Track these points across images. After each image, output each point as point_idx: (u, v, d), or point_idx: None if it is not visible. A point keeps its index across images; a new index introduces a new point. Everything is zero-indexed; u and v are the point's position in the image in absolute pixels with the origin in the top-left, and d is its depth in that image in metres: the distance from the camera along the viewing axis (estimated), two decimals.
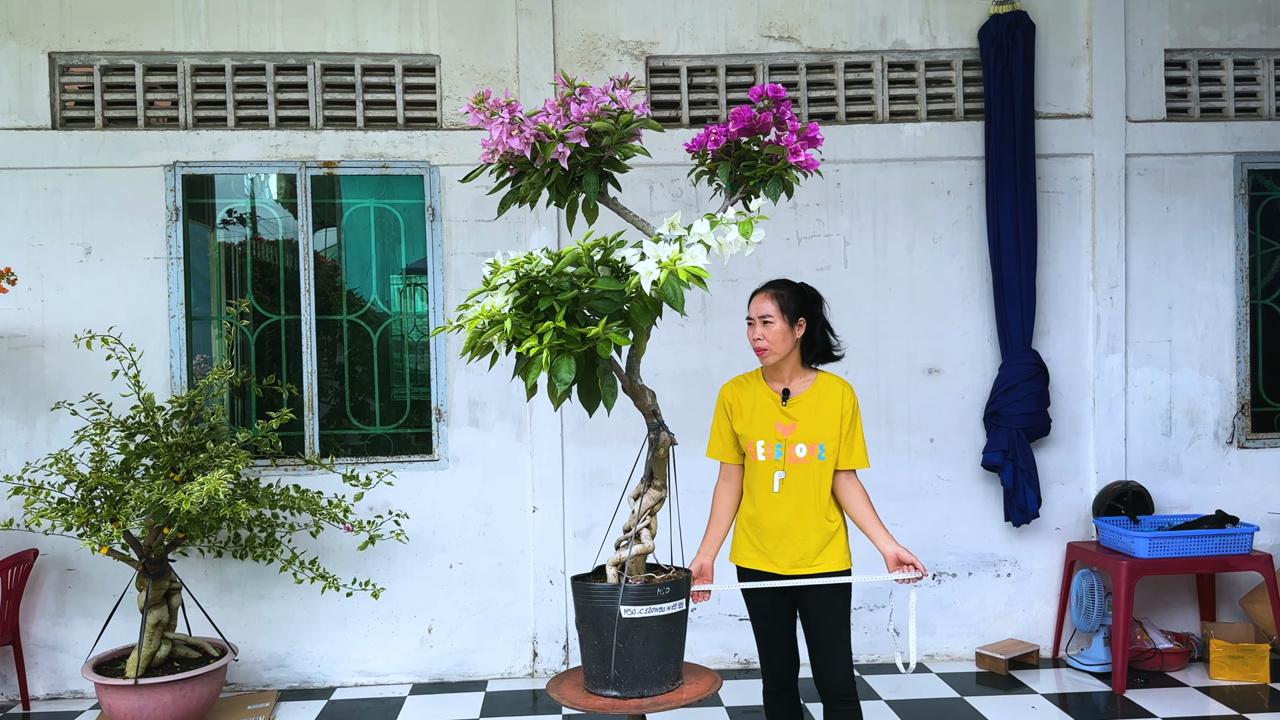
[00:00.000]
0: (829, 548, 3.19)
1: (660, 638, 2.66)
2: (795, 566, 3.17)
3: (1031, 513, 4.95)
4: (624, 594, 2.62)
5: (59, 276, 4.81)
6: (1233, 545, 4.70)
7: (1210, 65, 5.21)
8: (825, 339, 3.27)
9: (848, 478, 3.22)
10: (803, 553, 3.17)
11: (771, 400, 3.20)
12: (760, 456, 3.18)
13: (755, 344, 3.15)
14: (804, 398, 3.18)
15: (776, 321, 3.13)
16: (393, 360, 5.12)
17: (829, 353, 3.29)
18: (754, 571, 3.24)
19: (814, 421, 3.15)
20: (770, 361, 3.18)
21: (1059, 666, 4.99)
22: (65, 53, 4.83)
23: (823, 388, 3.20)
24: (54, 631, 4.81)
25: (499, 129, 2.66)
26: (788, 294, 3.17)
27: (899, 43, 5.08)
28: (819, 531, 3.17)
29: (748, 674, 4.95)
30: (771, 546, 3.19)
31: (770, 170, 2.73)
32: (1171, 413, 5.18)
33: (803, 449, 3.13)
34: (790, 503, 3.15)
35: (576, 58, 4.97)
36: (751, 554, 3.25)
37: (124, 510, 3.97)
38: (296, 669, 4.90)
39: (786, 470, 3.15)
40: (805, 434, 3.14)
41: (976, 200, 5.09)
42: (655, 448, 2.77)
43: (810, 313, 3.20)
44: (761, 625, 3.28)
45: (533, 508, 4.96)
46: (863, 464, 3.22)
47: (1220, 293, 5.20)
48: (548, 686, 2.81)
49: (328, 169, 4.93)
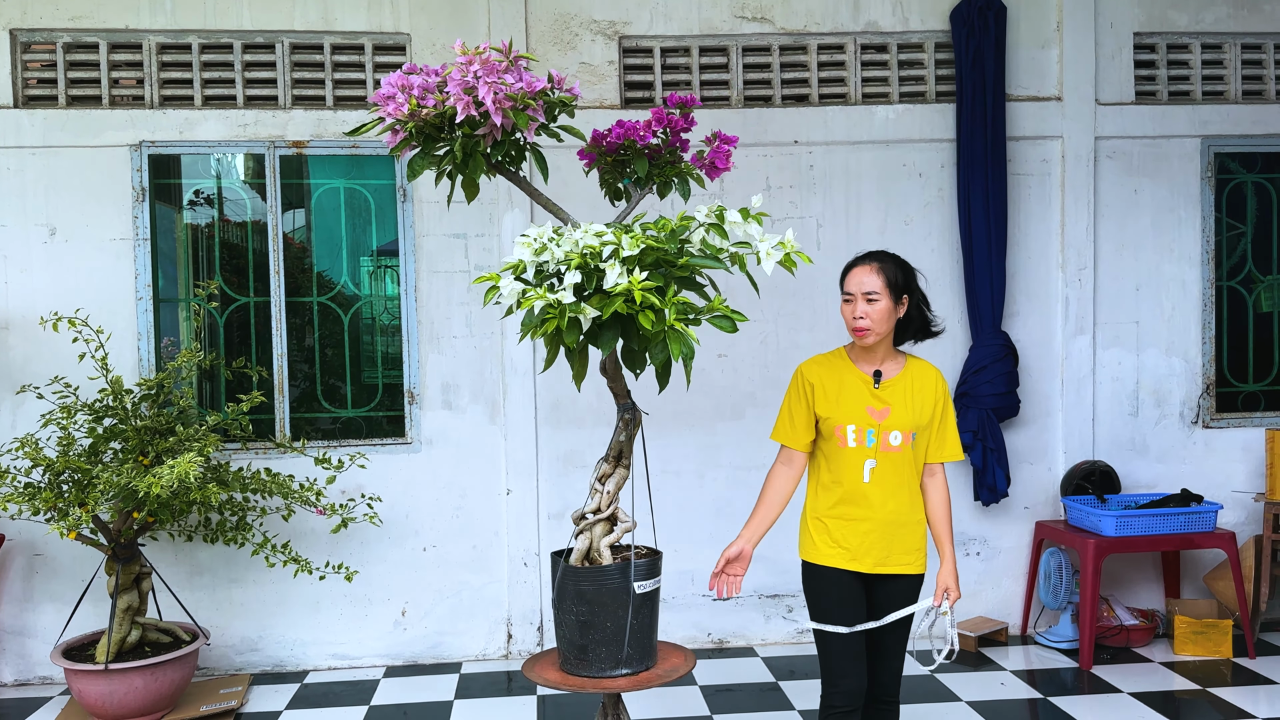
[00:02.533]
0: (917, 548, 2.97)
1: (651, 612, 2.79)
2: (881, 564, 2.92)
3: (1001, 492, 5.01)
4: (635, 570, 2.72)
5: (23, 258, 4.74)
6: (1197, 523, 4.78)
7: (1179, 49, 5.26)
8: (923, 315, 3.01)
9: (931, 472, 3.01)
10: (890, 550, 2.92)
11: (862, 382, 2.93)
12: (851, 443, 2.90)
13: (856, 323, 2.86)
14: (897, 381, 2.93)
15: (882, 299, 2.85)
16: (364, 343, 5.09)
17: (927, 329, 3.03)
18: (832, 569, 2.95)
19: (909, 407, 2.91)
20: (869, 342, 2.90)
21: (1027, 643, 5.06)
22: (27, 30, 4.73)
23: (916, 372, 2.96)
24: (22, 617, 4.75)
25: (392, 88, 2.60)
26: (894, 267, 2.89)
27: (872, 24, 5.09)
28: (908, 527, 2.94)
29: (721, 654, 4.98)
30: (857, 542, 2.92)
31: (677, 171, 2.87)
32: (1138, 393, 5.24)
33: (898, 436, 2.89)
34: (880, 494, 2.90)
35: (549, 37, 4.93)
36: (831, 550, 2.94)
37: (92, 494, 3.92)
38: (269, 653, 4.88)
39: (878, 459, 2.90)
40: (900, 420, 2.89)
41: (948, 182, 5.11)
42: (625, 428, 2.78)
43: (912, 288, 2.94)
44: (840, 640, 2.92)
45: (507, 490, 4.96)
46: (956, 455, 3.01)
47: (1187, 275, 5.26)
48: (524, 667, 2.82)
49: (297, 149, 4.87)
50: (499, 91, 2.51)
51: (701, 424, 5.05)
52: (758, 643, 5.11)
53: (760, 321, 5.03)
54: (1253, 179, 5.38)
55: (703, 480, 5.05)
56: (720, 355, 5.04)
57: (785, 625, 5.12)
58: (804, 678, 4.62)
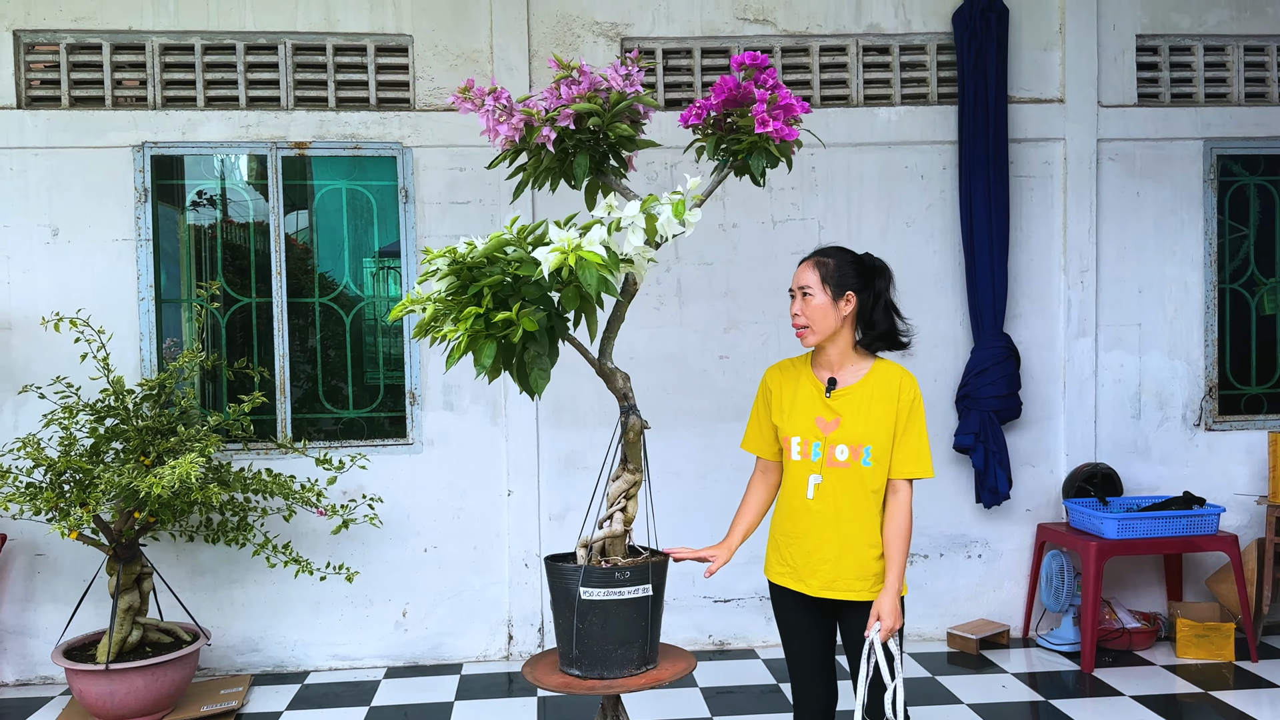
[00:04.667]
0: (874, 574, 2.71)
1: (621, 621, 2.61)
2: (827, 589, 2.73)
3: (1002, 494, 5.00)
4: (584, 576, 2.60)
5: (25, 258, 4.74)
6: (1200, 526, 4.77)
7: (1181, 51, 5.25)
8: (888, 319, 2.76)
9: (893, 489, 2.71)
10: (836, 574, 2.72)
11: (815, 390, 2.75)
12: (795, 455, 2.74)
13: (793, 320, 2.74)
14: (853, 389, 2.71)
15: (817, 294, 2.68)
16: (366, 344, 5.09)
17: (893, 337, 2.78)
18: (782, 589, 2.84)
19: (861, 418, 2.67)
20: (810, 342, 2.73)
21: (1029, 646, 5.06)
22: (31, 30, 4.74)
23: (879, 379, 2.71)
24: (23, 617, 4.76)
25: (486, 118, 2.61)
26: (834, 263, 2.71)
27: (874, 26, 5.09)
28: (858, 551, 2.70)
29: (722, 655, 4.98)
30: (801, 562, 2.76)
31: (752, 142, 2.54)
32: (1141, 396, 5.24)
33: (844, 451, 2.67)
34: (826, 513, 2.70)
35: (551, 39, 4.93)
36: (780, 568, 2.83)
37: (94, 494, 3.93)
38: (270, 653, 4.88)
39: (824, 474, 2.70)
40: (848, 433, 2.68)
41: (950, 184, 5.11)
42: (625, 431, 2.75)
43: (864, 287, 2.72)
44: (794, 648, 2.85)
45: (508, 491, 4.96)
46: (917, 472, 2.69)
47: (1189, 277, 5.25)
48: (523, 667, 2.81)
49: (299, 150, 4.88)
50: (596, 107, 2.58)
51: (703, 425, 5.05)
52: (759, 644, 5.11)
53: (762, 323, 5.03)
54: (1255, 181, 5.37)
55: (704, 481, 5.04)
56: (722, 357, 5.04)
57: None
58: None
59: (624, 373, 2.73)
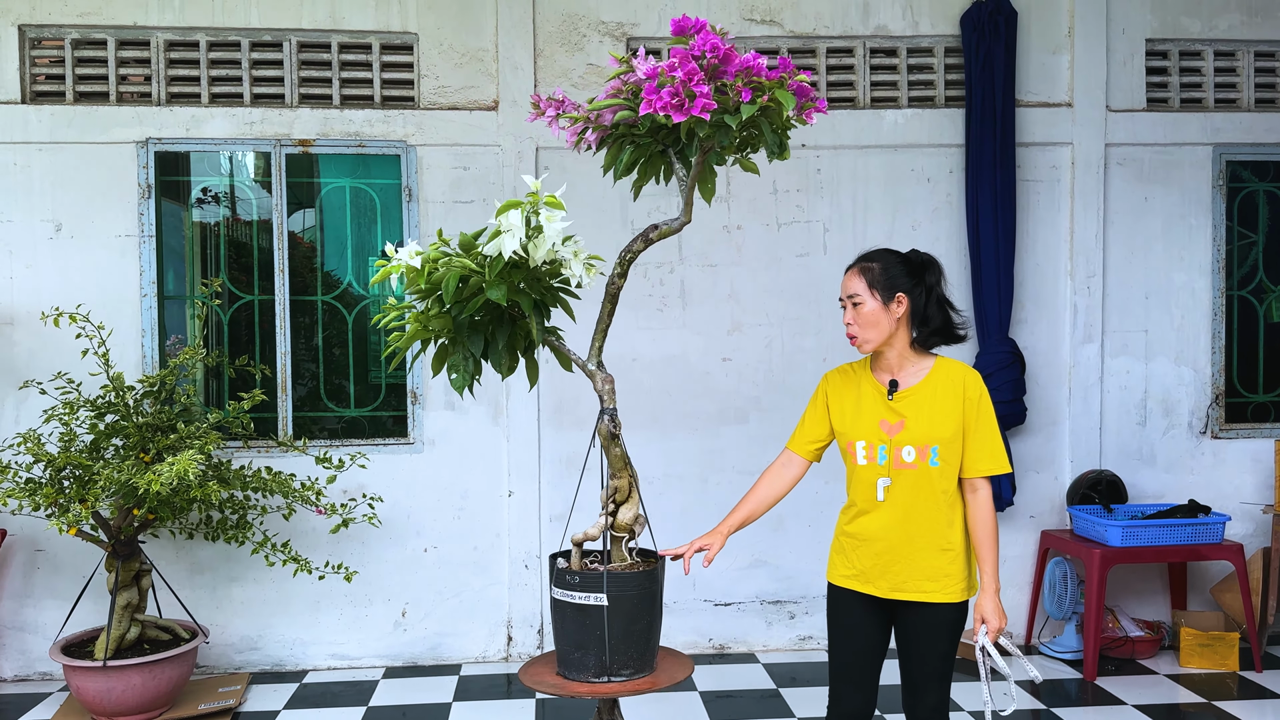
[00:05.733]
0: (945, 574, 2.68)
1: (575, 625, 2.59)
2: (896, 590, 2.70)
3: (1006, 500, 4.97)
4: (554, 573, 2.63)
5: (28, 254, 4.74)
6: (1205, 535, 4.73)
7: (1191, 55, 5.22)
8: (943, 314, 2.73)
9: (970, 487, 2.69)
10: (907, 575, 2.69)
11: (877, 393, 2.72)
12: (861, 460, 2.72)
13: (847, 331, 2.72)
14: (916, 390, 2.69)
15: (866, 301, 2.66)
16: (369, 342, 5.08)
17: (950, 331, 2.74)
18: (848, 591, 2.79)
19: (925, 419, 2.65)
20: (867, 350, 2.72)
21: (1031, 654, 5.02)
22: (36, 25, 4.74)
23: (941, 376, 2.69)
24: (22, 613, 4.75)
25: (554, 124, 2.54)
26: (879, 266, 2.68)
27: (881, 28, 5.06)
28: (931, 553, 2.67)
29: (722, 659, 4.95)
30: (869, 564, 2.73)
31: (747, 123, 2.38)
32: (1146, 402, 5.20)
33: (910, 452, 2.65)
34: (896, 516, 2.68)
35: (556, 38, 4.92)
36: (846, 572, 2.79)
37: (93, 491, 3.92)
38: (269, 652, 4.87)
39: (892, 477, 2.67)
40: (914, 434, 2.65)
41: (956, 188, 5.08)
42: (595, 435, 2.66)
43: (915, 285, 2.69)
44: (844, 651, 2.80)
45: (509, 492, 4.94)
46: (994, 468, 2.66)
47: (1197, 283, 5.21)
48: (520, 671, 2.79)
49: (303, 147, 4.87)
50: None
51: (705, 427, 5.02)
52: (759, 649, 5.08)
53: (765, 325, 5.01)
54: (1264, 188, 5.33)
55: (706, 484, 5.02)
56: (724, 359, 5.01)
57: (787, 631, 5.09)
58: (806, 684, 4.58)
59: (605, 375, 2.64)
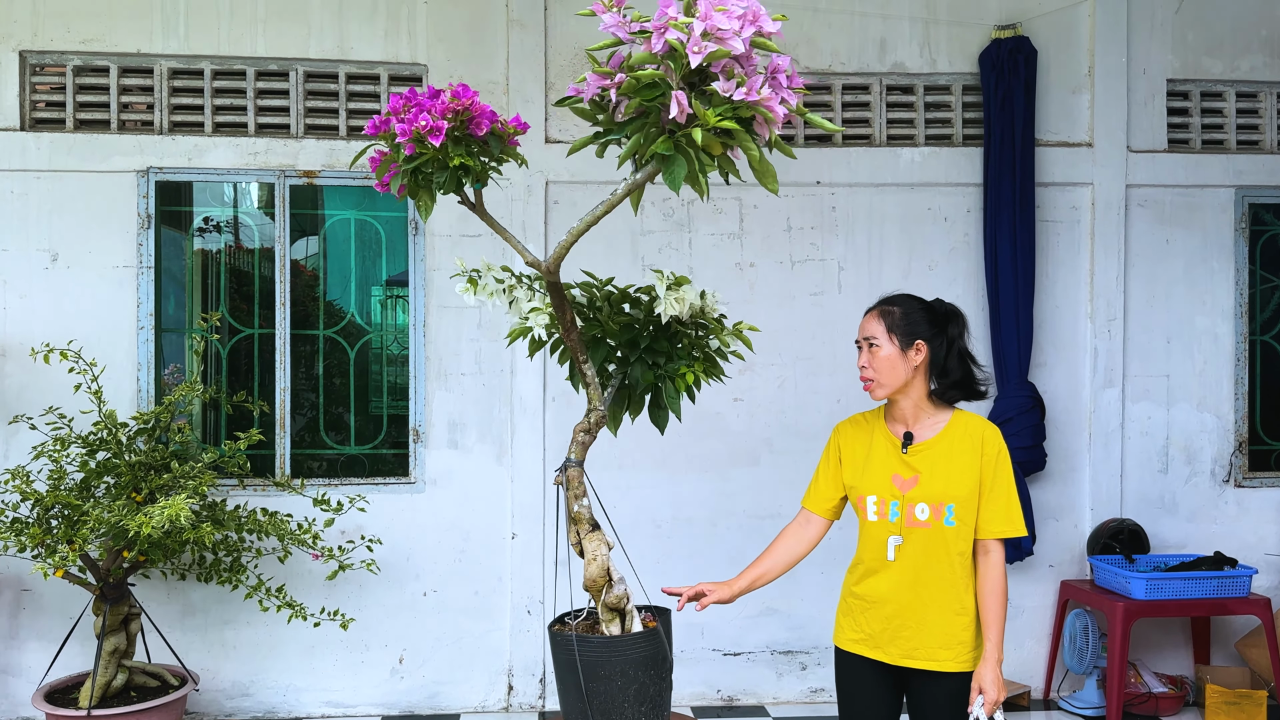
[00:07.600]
0: (958, 641, 2.55)
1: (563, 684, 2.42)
2: (908, 658, 2.57)
3: (1025, 549, 4.82)
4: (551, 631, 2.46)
5: (23, 284, 4.62)
6: (1231, 588, 4.58)
7: (1212, 96, 5.13)
8: (964, 368, 2.62)
9: (983, 549, 2.55)
10: (919, 641, 2.55)
11: (891, 445, 2.61)
12: (872, 516, 2.59)
13: (861, 374, 2.62)
14: (932, 444, 2.57)
15: (884, 345, 2.57)
16: (371, 375, 4.95)
17: (970, 386, 2.63)
18: (857, 657, 2.65)
19: (941, 475, 2.53)
20: (879, 396, 2.60)
21: (1050, 709, 4.85)
22: (37, 51, 4.65)
23: (957, 430, 2.57)
24: (6, 655, 4.58)
25: (615, 23, 1.91)
26: (900, 311, 2.59)
27: (898, 65, 4.97)
28: (943, 618, 2.54)
29: (731, 712, 4.78)
30: (879, 629, 2.59)
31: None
32: (1168, 449, 5.06)
33: (924, 510, 2.52)
34: (907, 577, 2.54)
35: (568, 71, 4.83)
36: (853, 634, 2.65)
37: (81, 532, 3.76)
38: (261, 698, 4.70)
39: (904, 535, 2.54)
40: (928, 491, 2.52)
41: (974, 228, 4.97)
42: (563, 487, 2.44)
43: (936, 334, 2.60)
44: (851, 713, 2.68)
45: (512, 534, 4.79)
46: (1008, 531, 2.52)
47: (1219, 328, 5.10)
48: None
49: (308, 179, 4.76)
50: None
51: (715, 470, 4.88)
52: (769, 701, 4.91)
53: (778, 365, 4.88)
54: None
55: (715, 528, 4.87)
56: (736, 399, 4.88)
57: (798, 683, 4.91)
58: None
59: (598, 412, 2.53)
